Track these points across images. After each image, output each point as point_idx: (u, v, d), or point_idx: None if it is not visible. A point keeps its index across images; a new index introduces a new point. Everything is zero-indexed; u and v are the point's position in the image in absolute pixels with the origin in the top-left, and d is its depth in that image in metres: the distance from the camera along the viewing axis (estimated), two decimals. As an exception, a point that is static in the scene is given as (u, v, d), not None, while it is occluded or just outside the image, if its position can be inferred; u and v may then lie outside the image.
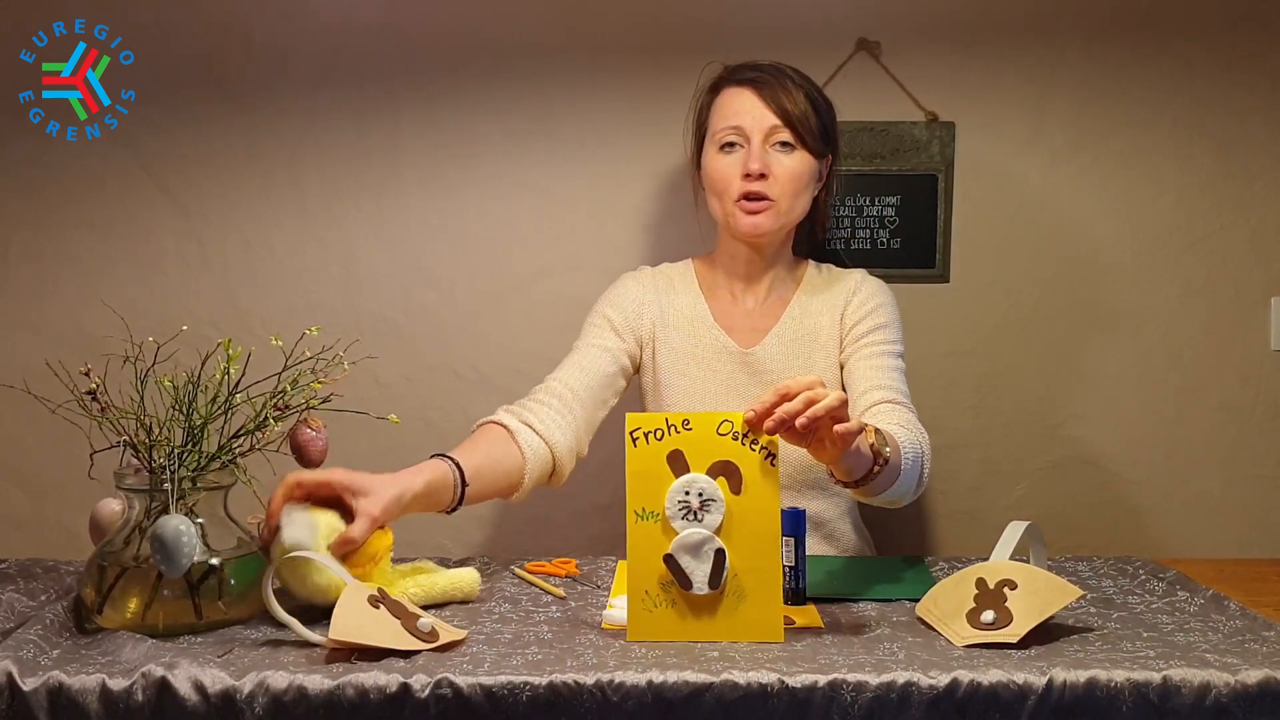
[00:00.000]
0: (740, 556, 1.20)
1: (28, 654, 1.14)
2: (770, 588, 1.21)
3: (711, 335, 1.72)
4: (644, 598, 1.21)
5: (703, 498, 1.20)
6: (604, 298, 1.76)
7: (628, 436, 1.22)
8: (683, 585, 1.20)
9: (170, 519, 1.20)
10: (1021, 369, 2.06)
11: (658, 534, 1.21)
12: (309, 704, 1.06)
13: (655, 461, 1.22)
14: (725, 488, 1.21)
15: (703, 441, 1.22)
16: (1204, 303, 2.04)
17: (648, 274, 1.78)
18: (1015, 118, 2.01)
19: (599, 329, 1.72)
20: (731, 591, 1.20)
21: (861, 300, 1.71)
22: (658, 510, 1.21)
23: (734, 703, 1.06)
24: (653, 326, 1.73)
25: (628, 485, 1.22)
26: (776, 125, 1.62)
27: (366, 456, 1.40)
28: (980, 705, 1.07)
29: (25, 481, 2.06)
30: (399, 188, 2.04)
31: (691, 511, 1.20)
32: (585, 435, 1.63)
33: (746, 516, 1.21)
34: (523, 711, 1.07)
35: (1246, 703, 1.07)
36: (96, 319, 1.98)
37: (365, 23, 2.01)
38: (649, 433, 1.22)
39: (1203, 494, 2.08)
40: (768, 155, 1.62)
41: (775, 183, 1.62)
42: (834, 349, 1.71)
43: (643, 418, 1.23)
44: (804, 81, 1.67)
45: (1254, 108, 2.01)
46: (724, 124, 1.64)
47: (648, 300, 1.74)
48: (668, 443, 1.22)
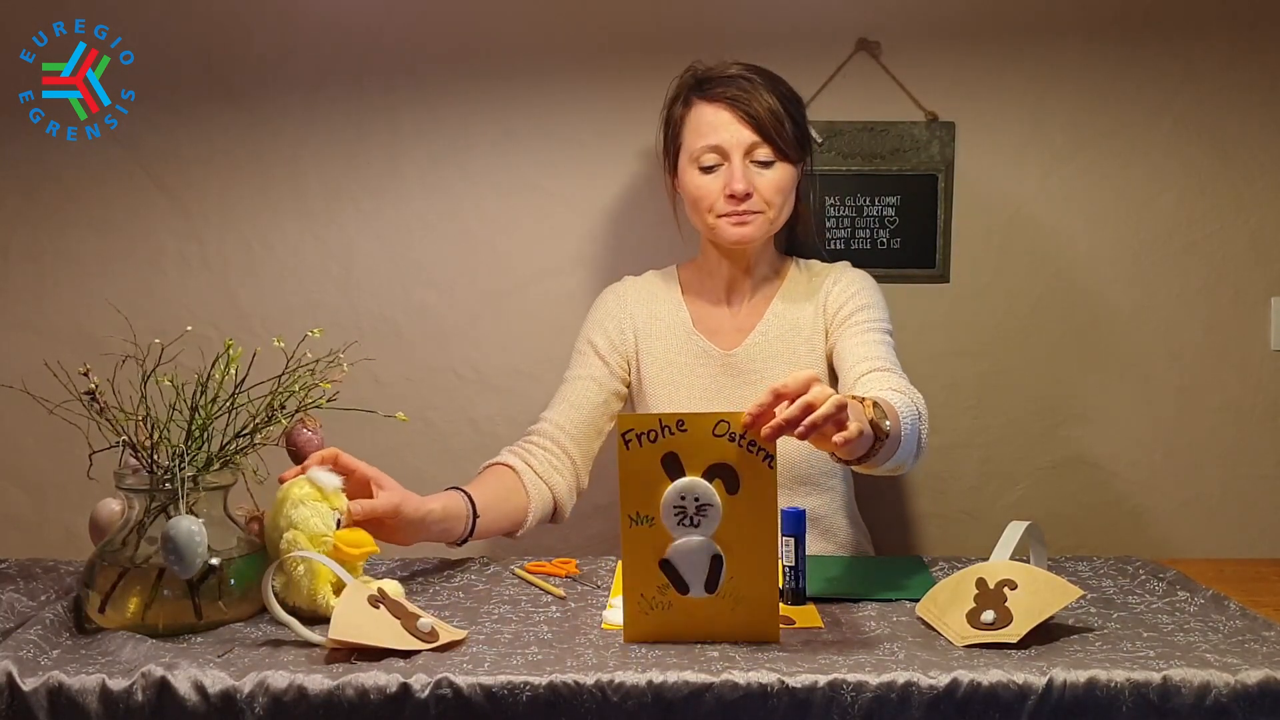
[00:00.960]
0: (737, 559, 1.19)
1: (28, 654, 1.14)
2: (767, 588, 1.20)
3: (692, 341, 1.72)
4: (640, 600, 1.20)
5: (699, 503, 1.18)
6: (587, 321, 1.78)
7: (620, 439, 1.19)
8: (679, 590, 1.20)
9: (182, 519, 1.21)
10: (1021, 369, 2.06)
11: (653, 538, 1.19)
12: (309, 704, 1.06)
13: (649, 464, 1.18)
14: (721, 490, 1.18)
15: (698, 443, 1.18)
16: (1204, 303, 2.04)
17: (629, 286, 1.79)
18: (1015, 118, 2.01)
19: (585, 357, 1.74)
20: (728, 594, 1.19)
21: (843, 287, 1.71)
22: (653, 515, 1.19)
23: (734, 703, 1.07)
24: (635, 339, 1.74)
25: (621, 489, 1.19)
26: (755, 142, 1.61)
27: (367, 456, 1.40)
28: (980, 705, 1.07)
29: (25, 481, 2.06)
30: (399, 188, 2.04)
31: (688, 517, 1.18)
32: (584, 470, 1.70)
33: (743, 519, 1.18)
34: (523, 711, 1.07)
35: (1246, 703, 1.07)
36: (96, 319, 1.98)
37: (365, 23, 2.01)
38: (642, 434, 1.18)
39: (1203, 494, 2.08)
40: (749, 172, 1.62)
41: (759, 199, 1.63)
42: (818, 340, 1.70)
43: (635, 419, 1.19)
44: (770, 82, 1.64)
45: (1254, 108, 2.01)
46: (701, 143, 1.63)
47: (628, 315, 1.75)
48: (661, 445, 1.18)
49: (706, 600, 1.19)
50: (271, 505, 1.31)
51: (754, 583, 1.19)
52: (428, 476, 2.06)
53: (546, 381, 2.07)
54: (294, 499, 1.28)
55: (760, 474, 1.18)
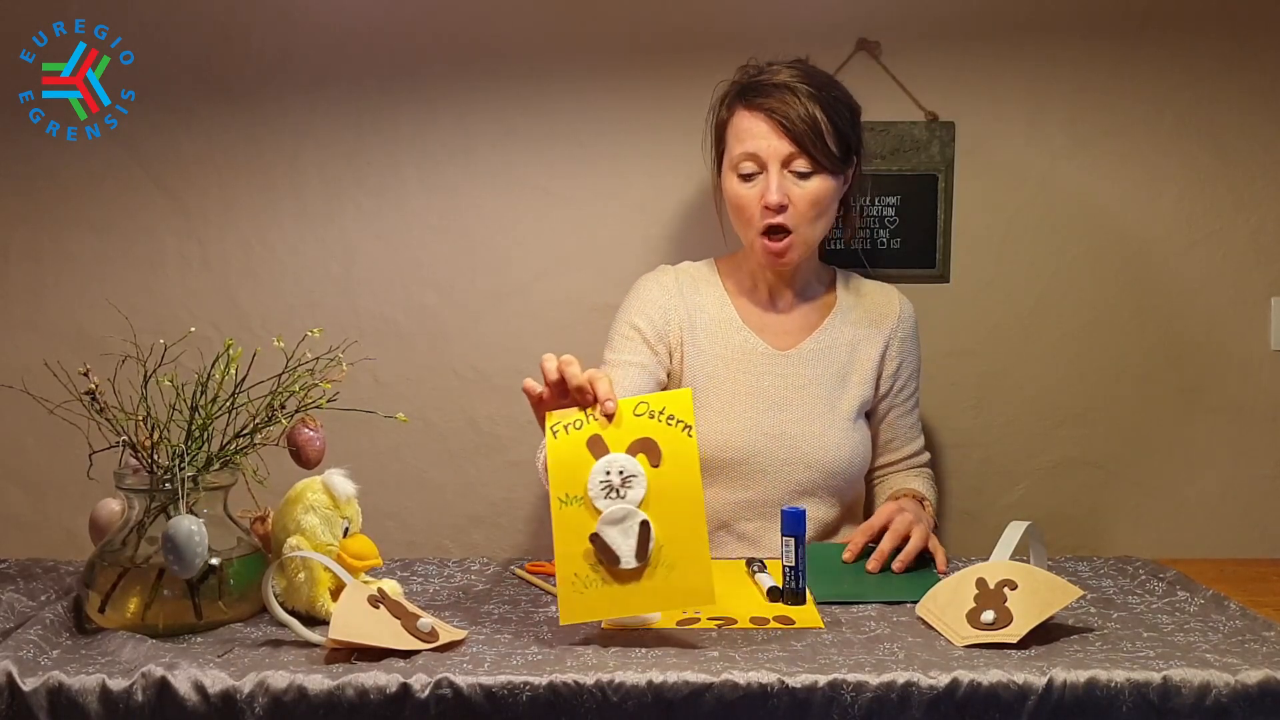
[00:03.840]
0: (665, 526, 1.21)
1: (28, 654, 1.14)
2: (697, 553, 1.21)
3: (741, 337, 1.71)
4: (574, 580, 1.20)
5: (624, 474, 1.22)
6: (629, 305, 1.74)
7: (548, 431, 1.25)
8: (610, 561, 1.20)
9: (183, 520, 1.21)
10: (1021, 369, 2.06)
11: (583, 516, 1.22)
12: (309, 704, 1.06)
13: (575, 449, 1.24)
14: (645, 463, 1.23)
15: (620, 424, 1.24)
16: (1204, 303, 2.04)
17: (670, 275, 1.76)
18: (1015, 118, 2.01)
19: (631, 342, 1.70)
20: (659, 562, 1.21)
21: (901, 340, 1.76)
22: (580, 493, 1.22)
23: (734, 703, 1.07)
24: (680, 331, 1.71)
25: (549, 474, 1.24)
26: (793, 153, 1.60)
27: (367, 456, 1.41)
28: (980, 705, 1.07)
29: (25, 481, 2.06)
30: (399, 188, 2.04)
31: (613, 489, 1.22)
32: None
33: (667, 488, 1.22)
34: (523, 711, 1.07)
35: (1246, 703, 1.07)
36: (96, 319, 1.98)
37: (365, 23, 2.00)
38: (568, 424, 1.25)
39: (1203, 494, 2.08)
40: (786, 183, 1.61)
41: (794, 211, 1.62)
42: (869, 381, 1.73)
43: (563, 414, 1.26)
44: (818, 89, 1.61)
45: (1254, 107, 2.00)
46: (740, 150, 1.63)
47: (673, 305, 1.72)
48: (586, 430, 1.24)
49: (639, 569, 1.20)
50: (283, 501, 1.30)
51: (684, 548, 1.21)
52: (428, 477, 2.07)
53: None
54: (306, 504, 1.27)
55: (681, 444, 1.24)
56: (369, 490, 1.37)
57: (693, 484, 1.22)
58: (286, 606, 1.25)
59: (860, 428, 1.73)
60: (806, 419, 1.68)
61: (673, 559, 1.20)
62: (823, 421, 1.68)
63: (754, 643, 1.20)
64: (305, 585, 1.26)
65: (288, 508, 1.29)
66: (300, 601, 1.26)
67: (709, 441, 1.65)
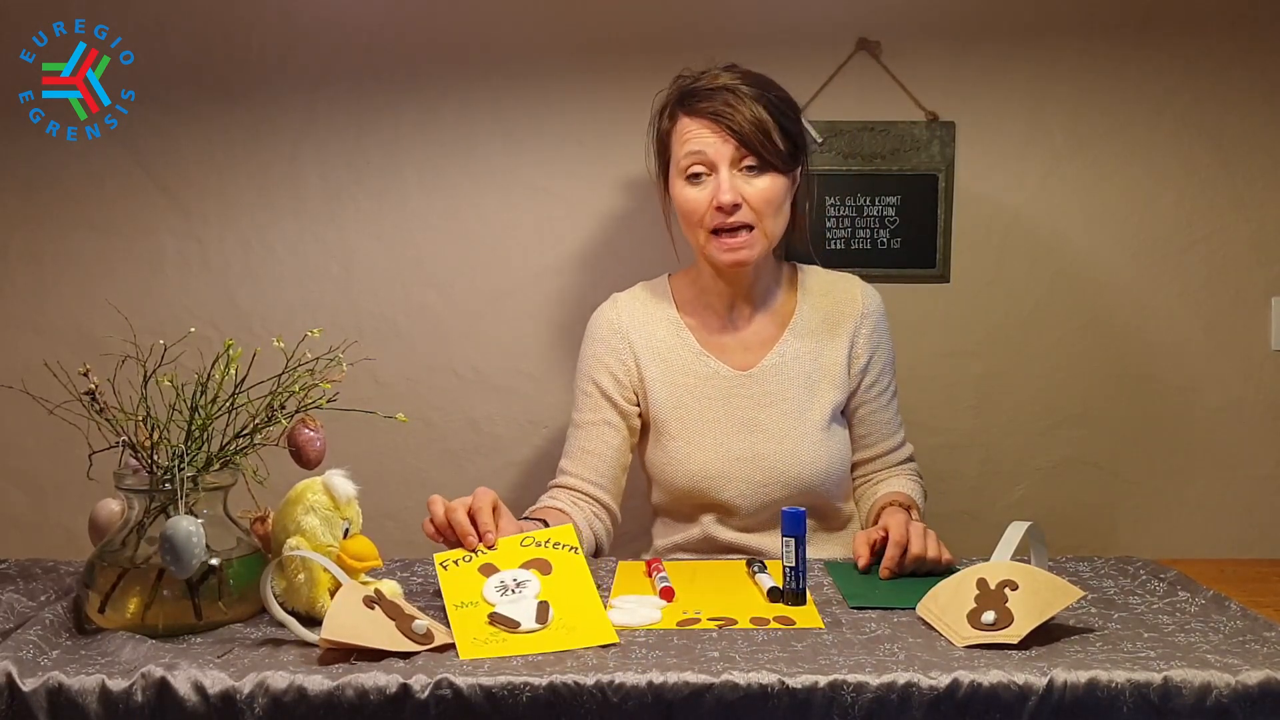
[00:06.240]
0: (562, 606, 1.24)
1: (28, 654, 1.14)
2: (594, 615, 1.23)
3: (700, 363, 1.68)
4: (472, 642, 1.18)
5: (517, 581, 1.27)
6: (584, 357, 1.72)
7: (437, 565, 1.29)
8: (510, 628, 1.20)
9: (180, 520, 1.20)
10: (1021, 369, 2.06)
11: (480, 611, 1.23)
12: (309, 704, 1.06)
13: (468, 574, 1.28)
14: (538, 574, 1.28)
15: (508, 552, 1.31)
16: (1204, 303, 2.04)
17: (621, 307, 1.72)
18: (1015, 118, 2.01)
19: (592, 400, 1.68)
20: (559, 625, 1.21)
21: (868, 332, 1.70)
22: (476, 599, 1.25)
23: (734, 703, 1.06)
24: (638, 369, 1.68)
25: (444, 591, 1.25)
26: (742, 153, 1.57)
27: (367, 456, 1.41)
28: (981, 706, 1.07)
29: (25, 481, 2.06)
30: (399, 188, 2.04)
31: (508, 589, 1.26)
32: (617, 504, 1.70)
33: (561, 585, 1.27)
34: (523, 712, 1.07)
35: (1247, 703, 1.07)
36: (96, 319, 1.98)
37: (365, 23, 2.01)
38: (457, 560, 1.30)
39: (1203, 494, 2.08)
40: (737, 181, 1.57)
41: (749, 209, 1.58)
42: (839, 384, 1.68)
43: (449, 553, 1.31)
44: (757, 91, 1.58)
45: (1254, 107, 2.01)
46: (686, 151, 1.58)
47: (625, 343, 1.69)
48: (476, 561, 1.30)
49: (539, 631, 1.21)
50: (283, 502, 1.30)
51: (582, 615, 1.23)
52: (428, 476, 2.06)
53: (547, 382, 2.07)
54: (306, 504, 1.27)
55: (570, 561, 1.31)
56: (369, 490, 1.36)
57: (584, 580, 1.28)
58: (286, 607, 1.24)
59: (835, 432, 1.68)
60: (776, 437, 1.65)
61: (572, 623, 1.21)
62: (793, 437, 1.65)
63: (754, 643, 1.20)
64: (305, 586, 1.26)
65: (288, 508, 1.29)
66: (300, 602, 1.26)
67: (682, 471, 1.65)
